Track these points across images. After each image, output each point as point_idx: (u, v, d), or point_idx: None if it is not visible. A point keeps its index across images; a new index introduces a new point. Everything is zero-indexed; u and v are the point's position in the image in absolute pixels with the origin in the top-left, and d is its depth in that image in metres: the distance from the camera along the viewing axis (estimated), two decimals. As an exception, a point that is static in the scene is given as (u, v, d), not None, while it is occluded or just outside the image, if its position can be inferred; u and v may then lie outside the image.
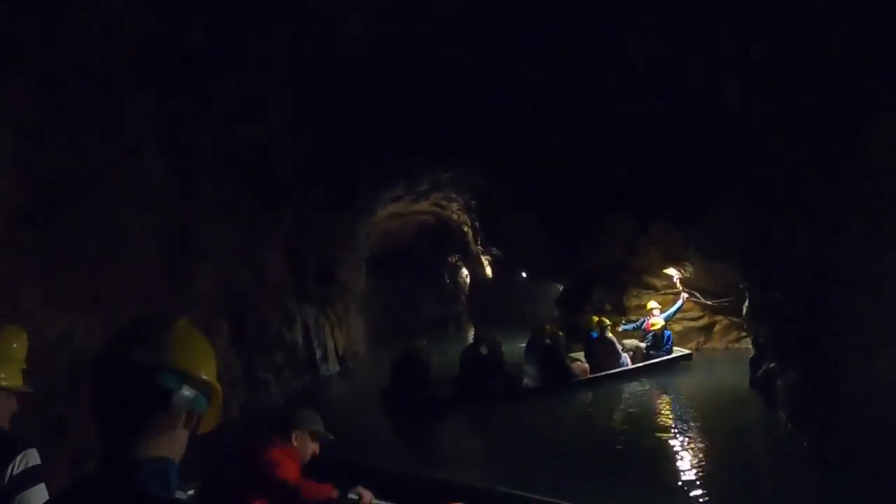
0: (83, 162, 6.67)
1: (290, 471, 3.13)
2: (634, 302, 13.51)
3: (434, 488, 4.20)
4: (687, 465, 6.66)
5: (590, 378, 10.45)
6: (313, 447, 3.48)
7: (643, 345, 11.72)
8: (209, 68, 9.08)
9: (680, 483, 6.04)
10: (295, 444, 3.37)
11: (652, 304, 12.37)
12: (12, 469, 2.11)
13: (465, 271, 29.98)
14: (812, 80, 6.72)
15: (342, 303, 15.22)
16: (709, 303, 12.38)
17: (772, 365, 8.54)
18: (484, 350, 10.25)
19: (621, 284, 13.58)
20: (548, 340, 10.49)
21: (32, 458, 2.18)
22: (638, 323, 12.43)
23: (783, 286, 7.76)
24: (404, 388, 9.77)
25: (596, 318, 11.36)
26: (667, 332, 11.67)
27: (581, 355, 11.25)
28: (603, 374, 10.53)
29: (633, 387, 10.21)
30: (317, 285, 13.69)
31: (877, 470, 5.45)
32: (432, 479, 4.44)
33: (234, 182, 10.24)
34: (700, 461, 6.71)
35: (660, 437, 7.80)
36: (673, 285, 13.03)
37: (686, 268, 12.14)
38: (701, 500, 5.58)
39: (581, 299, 14.01)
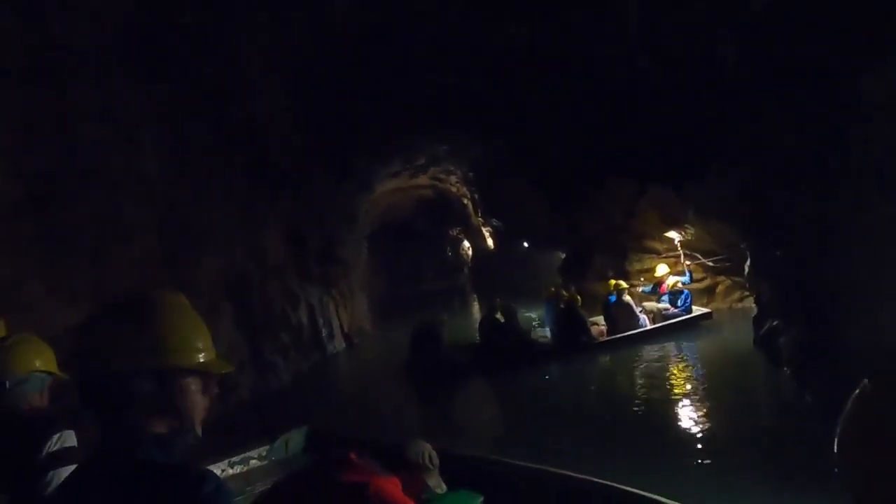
0: (76, 152, 6.64)
1: None
2: (636, 266, 13.52)
3: (441, 460, 4.24)
4: (693, 424, 6.73)
5: (607, 341, 10.62)
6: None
7: (660, 306, 11.77)
8: (199, 52, 8.98)
9: (686, 443, 6.11)
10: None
11: (661, 268, 12.38)
12: (49, 446, 2.19)
13: (466, 244, 29.98)
14: (807, 35, 6.63)
15: (345, 281, 15.27)
16: (710, 264, 12.38)
17: (774, 323, 8.58)
18: (501, 318, 10.56)
19: (623, 249, 13.57)
20: (562, 305, 10.68)
21: (70, 439, 2.26)
22: (652, 288, 12.43)
23: (783, 244, 7.76)
24: (425, 358, 10.12)
25: (613, 282, 11.45)
26: (685, 293, 11.71)
27: (600, 319, 11.38)
28: (620, 336, 10.67)
29: (649, 348, 10.25)
30: (319, 264, 13.71)
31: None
32: (438, 450, 4.48)
33: (230, 165, 10.20)
34: (705, 421, 6.77)
35: (667, 398, 7.88)
36: (674, 248, 13.02)
37: (687, 230, 12.12)
38: (706, 459, 5.65)
39: (583, 266, 14.03)
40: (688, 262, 12.45)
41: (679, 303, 11.55)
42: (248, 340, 10.30)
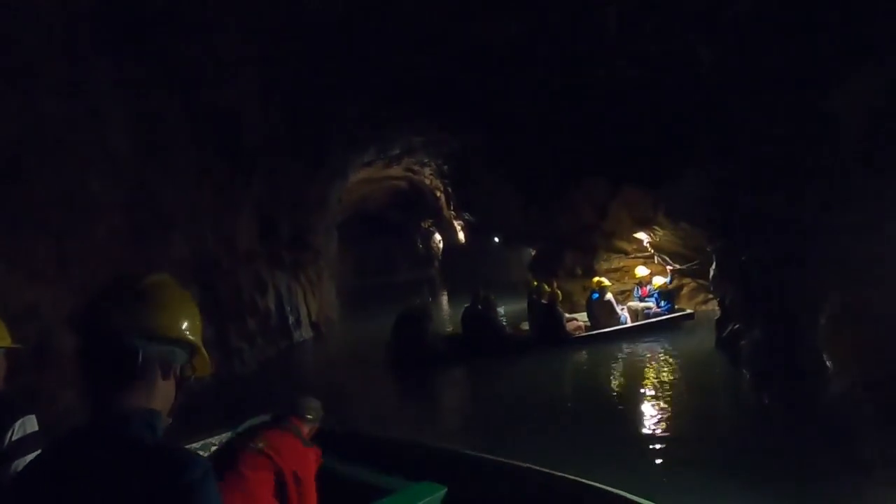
0: (41, 127, 6.46)
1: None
2: (605, 266, 13.70)
3: (406, 451, 4.26)
4: (655, 421, 6.86)
5: (586, 336, 10.86)
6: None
7: (643, 305, 11.95)
8: (173, 31, 8.80)
9: (645, 439, 6.22)
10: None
11: (641, 269, 12.56)
12: (11, 435, 2.13)
13: (437, 236, 30.02)
14: (781, 41, 6.77)
15: (314, 268, 15.17)
16: (677, 266, 12.60)
17: (737, 326, 8.77)
18: (480, 307, 10.77)
19: (593, 248, 13.74)
20: (544, 300, 10.87)
21: (31, 424, 2.19)
22: (634, 291, 12.59)
23: (749, 248, 7.93)
24: (407, 344, 10.24)
25: (596, 280, 11.63)
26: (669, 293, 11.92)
27: (581, 315, 11.63)
28: (599, 332, 10.91)
29: (630, 346, 10.38)
30: (289, 251, 13.61)
31: (831, 421, 5.74)
32: (404, 441, 4.50)
33: (201, 148, 10.03)
34: (668, 418, 6.91)
35: (634, 394, 8.04)
36: (643, 249, 13.23)
37: (656, 232, 12.32)
38: (664, 455, 5.76)
39: (553, 263, 14.16)
40: (659, 263, 12.66)
41: (662, 303, 11.72)
42: (215, 325, 10.18)
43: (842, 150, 6.05)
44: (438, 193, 24.38)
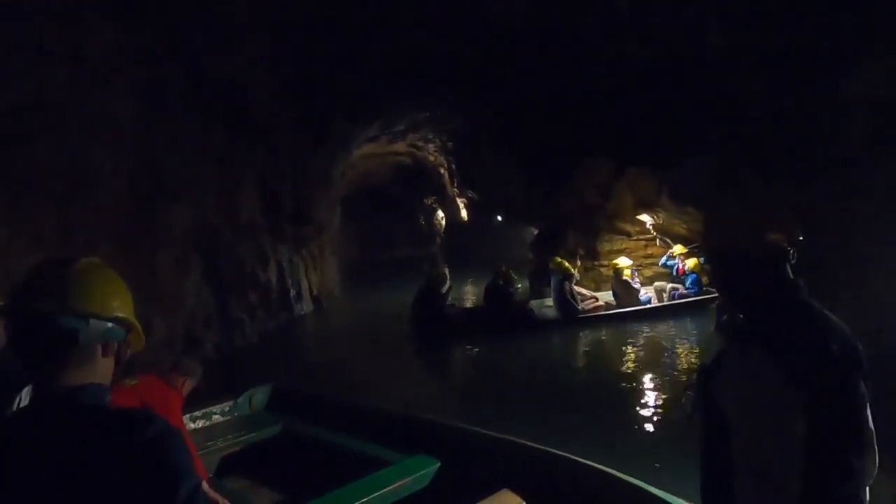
0: (46, 93, 6.42)
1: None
2: (607, 247, 13.68)
3: (400, 424, 4.28)
4: (649, 404, 6.89)
5: (599, 314, 10.98)
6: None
7: (670, 285, 11.88)
8: (179, 1, 8.71)
9: (641, 422, 6.26)
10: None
11: (623, 260, 12.47)
12: (19, 402, 2.12)
13: (440, 213, 29.96)
14: (792, 28, 6.69)
15: (317, 243, 15.17)
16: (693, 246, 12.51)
17: (735, 309, 8.75)
18: (500, 282, 10.94)
19: (595, 229, 13.71)
20: (561, 277, 10.98)
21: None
22: (670, 264, 12.39)
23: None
24: (425, 315, 10.41)
25: (614, 262, 11.66)
26: (691, 276, 11.73)
27: (605, 294, 11.75)
28: (614, 312, 11.03)
29: (654, 326, 10.31)
30: (291, 225, 13.59)
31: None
32: (399, 414, 4.52)
33: (205, 119, 9.97)
34: (657, 401, 6.94)
35: (644, 373, 8.02)
36: (646, 231, 13.19)
37: (659, 214, 12.28)
38: (659, 439, 5.80)
39: (555, 243, 14.14)
40: (661, 245, 12.61)
41: (688, 284, 11.61)
42: (216, 296, 10.22)
43: (852, 138, 6.00)
44: (442, 170, 24.28)
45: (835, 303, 1.65)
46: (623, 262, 12.00)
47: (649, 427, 6.07)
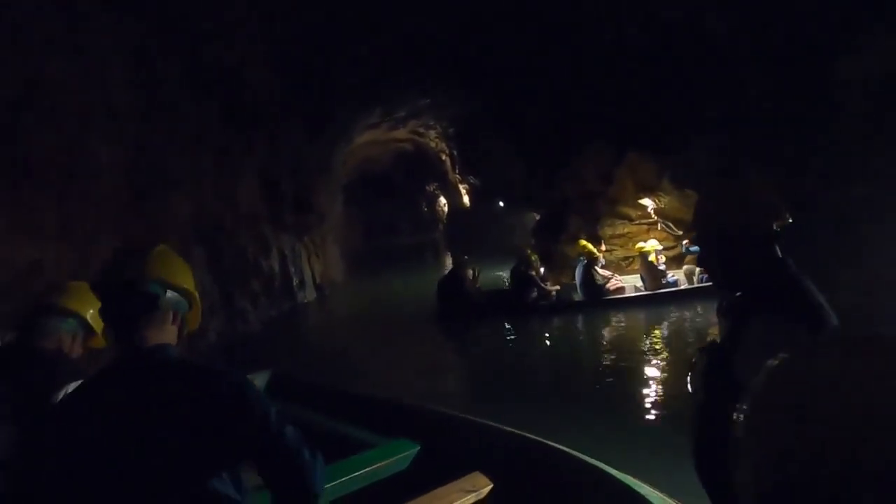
0: (42, 85, 6.41)
1: None
2: (609, 232, 13.66)
3: (380, 408, 4.31)
4: (651, 389, 6.90)
5: (626, 297, 11.09)
6: None
7: (699, 269, 11.86)
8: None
9: (647, 406, 6.28)
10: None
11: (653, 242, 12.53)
12: (65, 392, 2.14)
13: (442, 200, 29.93)
14: (792, 13, 6.64)
15: (319, 230, 15.19)
16: (680, 233, 12.54)
17: (737, 294, 8.72)
18: (523, 268, 11.19)
19: (597, 214, 13.69)
20: (584, 261, 11.12)
21: None
22: (693, 250, 12.38)
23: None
24: (454, 298, 10.72)
25: (638, 246, 11.74)
26: None
27: (631, 277, 11.86)
28: (638, 294, 11.14)
29: (673, 310, 10.25)
30: (293, 213, 13.60)
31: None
32: (380, 398, 4.55)
33: (203, 108, 9.96)
34: (662, 386, 6.94)
35: (661, 358, 8.00)
36: (647, 215, 13.16)
37: (661, 198, 12.25)
38: (660, 423, 5.81)
39: (557, 228, 14.13)
40: (663, 230, 12.60)
41: None
42: (219, 285, 10.26)
43: (848, 124, 5.97)
44: (444, 156, 24.23)
45: (825, 283, 1.67)
46: (650, 244, 12.02)
47: (660, 412, 6.08)
